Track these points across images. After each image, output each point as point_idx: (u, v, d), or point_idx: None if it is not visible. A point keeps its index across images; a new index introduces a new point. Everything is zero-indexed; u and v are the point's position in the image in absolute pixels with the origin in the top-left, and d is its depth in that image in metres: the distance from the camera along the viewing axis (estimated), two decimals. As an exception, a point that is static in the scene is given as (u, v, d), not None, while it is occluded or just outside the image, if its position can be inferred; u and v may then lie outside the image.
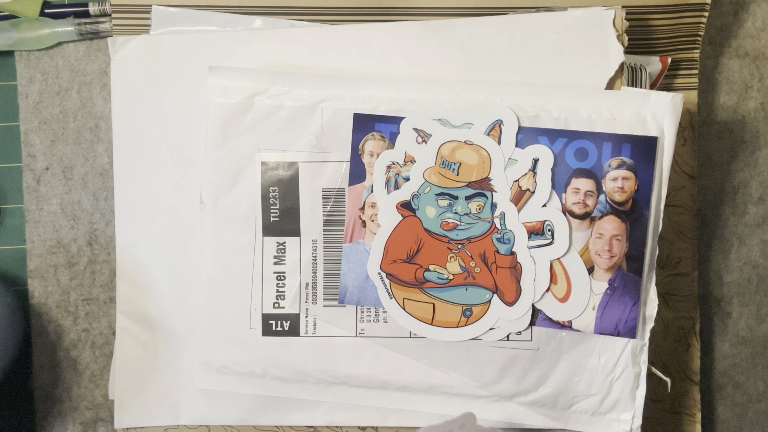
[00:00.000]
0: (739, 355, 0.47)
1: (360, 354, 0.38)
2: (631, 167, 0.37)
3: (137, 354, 0.41)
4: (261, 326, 0.39)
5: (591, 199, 0.37)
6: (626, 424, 0.38)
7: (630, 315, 0.37)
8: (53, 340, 0.44)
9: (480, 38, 0.39)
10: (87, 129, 0.44)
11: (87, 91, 0.44)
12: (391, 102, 0.38)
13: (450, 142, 0.37)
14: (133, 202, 0.41)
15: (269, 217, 0.38)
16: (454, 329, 0.38)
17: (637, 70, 0.41)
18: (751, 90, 0.46)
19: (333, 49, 0.39)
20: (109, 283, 0.44)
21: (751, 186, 0.46)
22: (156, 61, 0.40)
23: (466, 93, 0.38)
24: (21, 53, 0.44)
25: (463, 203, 0.37)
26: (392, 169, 0.37)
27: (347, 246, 0.38)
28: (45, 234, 0.44)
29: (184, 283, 0.41)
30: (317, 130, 0.38)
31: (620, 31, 0.38)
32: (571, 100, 0.37)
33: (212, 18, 0.40)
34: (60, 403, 0.45)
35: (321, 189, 0.38)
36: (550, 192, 0.37)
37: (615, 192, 0.37)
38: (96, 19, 0.43)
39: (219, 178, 0.39)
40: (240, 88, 0.38)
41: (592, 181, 0.37)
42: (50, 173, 0.44)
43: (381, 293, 0.38)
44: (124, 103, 0.41)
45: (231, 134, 0.38)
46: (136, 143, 0.41)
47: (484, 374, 0.38)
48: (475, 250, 0.37)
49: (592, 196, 0.37)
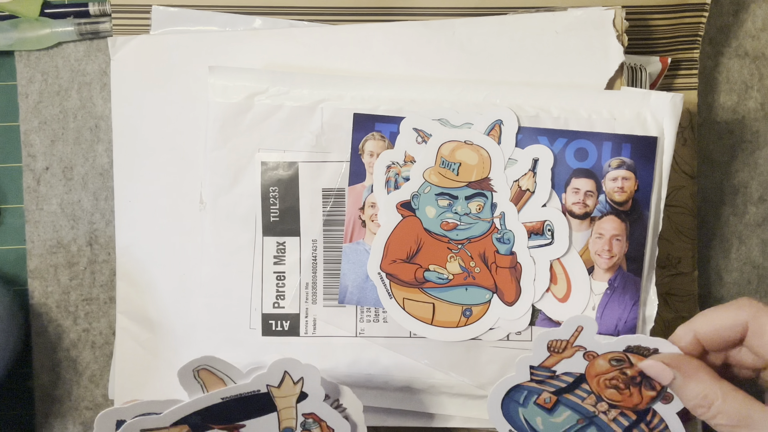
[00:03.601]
0: (739, 355, 0.47)
1: (360, 354, 0.38)
2: (631, 167, 0.37)
3: (137, 354, 0.41)
4: (261, 326, 0.39)
5: (591, 199, 0.37)
6: (626, 424, 0.38)
7: (630, 315, 0.37)
8: (53, 340, 0.44)
9: (480, 38, 0.39)
10: (87, 129, 0.44)
11: (87, 91, 0.44)
12: (391, 102, 0.38)
13: (450, 142, 0.37)
14: (133, 202, 0.41)
15: (269, 217, 0.38)
16: (454, 329, 0.38)
17: (637, 70, 0.41)
18: (751, 90, 0.46)
19: (333, 49, 0.39)
20: (109, 283, 0.44)
21: (751, 186, 0.46)
22: (156, 61, 0.40)
23: (466, 93, 0.38)
24: (21, 53, 0.44)
25: (463, 203, 0.37)
26: (392, 169, 0.37)
27: (347, 246, 0.38)
28: (45, 234, 0.44)
29: (184, 283, 0.41)
30: (317, 130, 0.38)
31: (620, 31, 0.38)
32: (571, 100, 0.37)
33: (212, 18, 0.40)
34: (60, 403, 0.45)
35: (321, 189, 0.38)
36: (550, 192, 0.37)
37: (615, 192, 0.37)
38: (96, 19, 0.43)
39: (219, 178, 0.39)
40: (240, 88, 0.38)
41: (592, 181, 0.37)
42: (50, 173, 0.44)
43: (381, 293, 0.38)
44: (124, 103, 0.41)
45: (231, 134, 0.38)
46: (136, 143, 0.41)
47: (484, 374, 0.38)
48: (475, 250, 0.37)
49: (592, 196, 0.37)
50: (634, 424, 0.34)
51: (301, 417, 0.33)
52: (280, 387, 0.32)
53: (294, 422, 0.33)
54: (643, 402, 0.33)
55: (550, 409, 0.35)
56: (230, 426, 0.33)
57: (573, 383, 0.34)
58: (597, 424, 0.34)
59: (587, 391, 0.34)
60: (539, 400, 0.34)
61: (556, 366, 0.33)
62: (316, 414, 0.33)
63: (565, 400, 0.34)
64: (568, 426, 0.35)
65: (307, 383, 0.32)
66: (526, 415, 0.35)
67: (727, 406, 0.29)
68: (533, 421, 0.35)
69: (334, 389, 0.34)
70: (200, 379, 0.31)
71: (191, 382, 0.31)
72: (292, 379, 0.32)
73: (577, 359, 0.33)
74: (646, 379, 0.33)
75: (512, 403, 0.35)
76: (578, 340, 0.33)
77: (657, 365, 0.32)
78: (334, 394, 0.34)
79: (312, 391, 0.32)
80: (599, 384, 0.34)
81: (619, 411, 0.34)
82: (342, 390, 0.34)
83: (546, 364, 0.34)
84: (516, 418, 0.35)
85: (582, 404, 0.34)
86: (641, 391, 0.33)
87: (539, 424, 0.35)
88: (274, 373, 0.32)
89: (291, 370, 0.32)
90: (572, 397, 0.34)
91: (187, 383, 0.31)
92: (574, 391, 0.34)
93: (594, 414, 0.34)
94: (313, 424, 0.33)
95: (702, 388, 0.30)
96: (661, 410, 0.33)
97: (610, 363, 0.33)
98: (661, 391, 0.33)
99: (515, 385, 0.34)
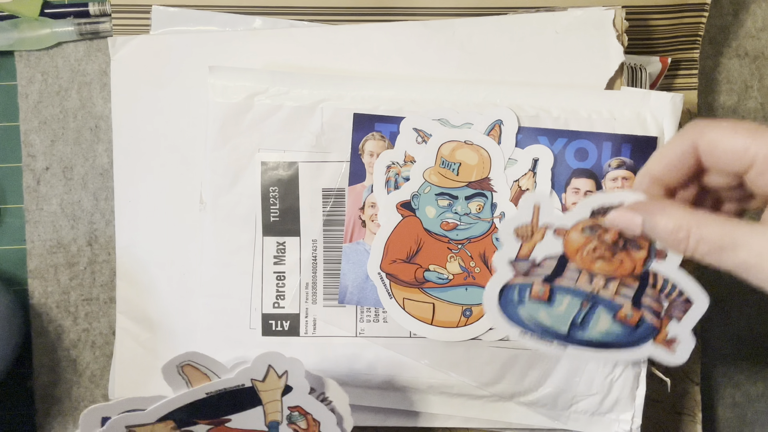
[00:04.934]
0: (739, 355, 0.47)
1: (360, 354, 0.38)
2: (631, 167, 0.37)
3: (137, 354, 0.41)
4: (261, 326, 0.39)
5: (591, 199, 0.37)
6: (626, 424, 0.38)
7: (630, 315, 0.37)
8: (53, 340, 0.44)
9: (480, 38, 0.39)
10: (87, 129, 0.44)
11: (87, 91, 0.44)
12: (391, 102, 0.38)
13: (450, 142, 0.37)
14: (133, 202, 0.41)
15: (269, 217, 0.38)
16: (454, 329, 0.38)
17: (637, 70, 0.41)
18: (751, 90, 0.46)
19: (333, 49, 0.39)
20: (109, 283, 0.44)
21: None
22: (156, 61, 0.40)
23: (466, 93, 0.38)
24: (21, 53, 0.44)
25: (463, 203, 0.37)
26: (392, 169, 0.37)
27: (347, 246, 0.38)
28: (45, 234, 0.44)
29: (184, 283, 0.41)
30: (317, 130, 0.38)
31: (620, 31, 0.38)
32: (571, 100, 0.37)
33: (212, 18, 0.40)
34: (60, 403, 0.45)
35: (321, 189, 0.38)
36: (549, 192, 0.37)
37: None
38: (96, 19, 0.43)
39: (219, 178, 0.39)
40: (240, 88, 0.38)
41: (592, 181, 0.37)
42: (50, 173, 0.44)
43: (381, 293, 0.38)
44: (124, 103, 0.41)
45: (231, 134, 0.38)
46: (136, 143, 0.41)
47: (484, 374, 0.38)
48: (475, 250, 0.37)
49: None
50: (640, 292, 0.33)
51: (286, 410, 0.33)
52: (264, 381, 0.32)
53: (280, 415, 0.33)
54: (637, 266, 0.32)
55: (548, 301, 0.34)
56: (216, 420, 0.33)
57: (558, 266, 0.33)
58: (602, 303, 0.33)
59: (576, 271, 0.33)
60: (534, 294, 0.34)
61: (533, 253, 0.33)
62: (302, 407, 0.33)
63: (558, 287, 0.33)
64: (574, 313, 0.34)
65: (292, 376, 0.32)
66: (528, 312, 0.34)
67: (706, 230, 0.27)
68: (538, 318, 0.34)
69: (319, 382, 0.34)
70: (185, 375, 0.31)
71: (176, 378, 0.31)
72: (276, 373, 0.32)
73: (549, 240, 0.32)
74: (629, 241, 0.31)
75: (509, 304, 0.34)
76: (541, 219, 0.32)
77: (621, 215, 0.30)
78: (319, 387, 0.34)
79: (297, 384, 0.32)
80: (584, 259, 0.32)
81: (618, 282, 0.33)
82: (327, 383, 0.34)
83: (522, 254, 0.33)
84: (518, 319, 0.34)
85: (577, 286, 0.33)
86: (630, 255, 0.32)
87: (545, 319, 0.34)
88: (258, 368, 0.32)
89: (275, 363, 0.32)
90: (564, 281, 0.33)
91: (171, 379, 0.31)
92: (563, 274, 0.33)
93: (594, 293, 0.33)
94: (299, 416, 0.33)
95: (673, 220, 0.28)
96: (661, 269, 0.32)
97: (583, 233, 0.32)
98: (650, 249, 0.31)
99: (504, 286, 0.34)
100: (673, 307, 0.33)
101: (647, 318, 0.33)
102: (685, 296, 0.32)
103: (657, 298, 0.33)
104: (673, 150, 0.30)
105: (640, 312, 0.33)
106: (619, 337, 0.33)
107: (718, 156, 0.29)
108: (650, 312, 0.33)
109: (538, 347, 0.35)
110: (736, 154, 0.28)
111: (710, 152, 0.29)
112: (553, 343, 0.34)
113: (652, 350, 0.33)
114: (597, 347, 0.34)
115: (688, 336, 0.33)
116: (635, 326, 0.33)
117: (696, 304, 0.33)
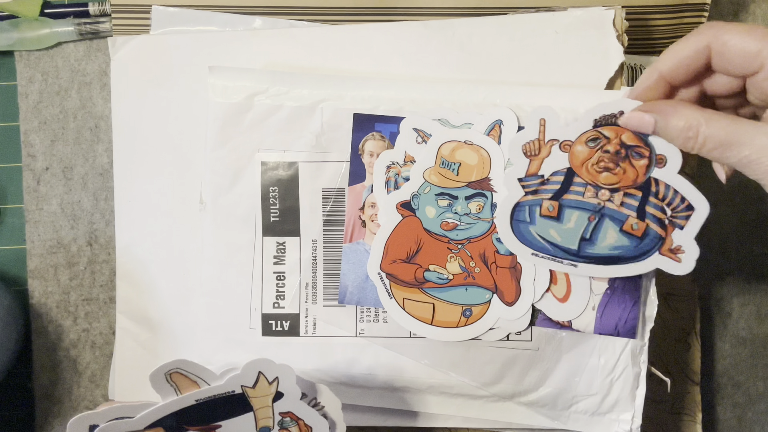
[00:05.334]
0: (739, 355, 0.47)
1: (360, 354, 0.38)
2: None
3: (137, 354, 0.41)
4: (261, 326, 0.39)
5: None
6: (626, 424, 0.38)
7: (630, 315, 0.37)
8: (53, 340, 0.44)
9: (480, 38, 0.39)
10: (87, 129, 0.44)
11: (87, 91, 0.44)
12: (391, 102, 0.38)
13: (450, 142, 0.37)
14: (133, 202, 0.41)
15: (269, 217, 0.38)
16: (454, 329, 0.38)
17: (637, 70, 0.41)
18: (751, 90, 0.46)
19: (333, 49, 0.39)
20: (109, 283, 0.44)
21: (751, 185, 0.46)
22: (156, 61, 0.40)
23: (466, 93, 0.38)
24: (21, 53, 0.44)
25: (463, 203, 0.37)
26: (392, 169, 0.37)
27: (347, 246, 0.38)
28: (45, 234, 0.44)
29: (184, 283, 0.41)
30: (317, 129, 0.38)
31: (620, 31, 0.38)
32: (571, 100, 0.37)
33: (212, 18, 0.40)
34: (60, 403, 0.45)
35: (321, 189, 0.38)
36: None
37: (615, 192, 0.37)
38: (96, 19, 0.43)
39: (219, 178, 0.39)
40: (240, 88, 0.38)
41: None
42: (50, 173, 0.44)
43: (381, 293, 0.38)
44: (124, 103, 0.41)
45: (231, 134, 0.38)
46: (136, 143, 0.41)
47: (484, 374, 0.38)
48: (475, 250, 0.37)
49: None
50: (644, 202, 0.33)
51: (278, 416, 0.33)
52: (254, 387, 0.32)
53: (271, 421, 0.33)
54: (639, 174, 0.33)
55: (557, 217, 0.34)
56: (206, 427, 0.33)
57: (566, 181, 0.34)
58: (608, 215, 0.34)
59: (582, 184, 0.34)
60: (543, 212, 0.34)
61: (541, 169, 0.34)
62: (294, 412, 0.33)
63: (566, 202, 0.34)
64: (582, 228, 0.34)
65: (283, 383, 0.32)
66: (538, 231, 0.35)
67: (712, 128, 0.29)
68: (548, 236, 0.35)
69: (311, 388, 0.34)
70: (173, 383, 0.31)
71: (164, 385, 0.31)
72: (267, 380, 0.32)
73: (556, 155, 0.33)
74: (631, 150, 0.32)
75: (521, 224, 0.35)
76: (547, 134, 0.33)
77: (635, 115, 0.32)
78: (311, 392, 0.34)
79: (288, 390, 0.32)
80: (589, 171, 0.33)
81: (622, 193, 0.33)
82: (319, 388, 0.34)
83: (531, 171, 0.34)
84: (531, 238, 0.35)
85: (584, 200, 0.34)
86: (632, 164, 0.33)
87: (555, 236, 0.35)
88: (248, 374, 0.32)
89: (265, 370, 0.32)
90: (571, 195, 0.34)
91: (159, 387, 0.31)
92: (570, 189, 0.34)
93: (600, 206, 0.34)
94: (291, 422, 0.33)
95: (684, 119, 0.30)
96: (662, 176, 0.33)
97: (587, 145, 0.33)
98: (651, 156, 0.32)
99: (515, 205, 0.34)
100: (676, 214, 0.33)
101: (652, 227, 0.34)
102: (686, 203, 0.33)
103: (660, 207, 0.34)
104: (686, 48, 0.31)
105: (644, 223, 0.34)
106: (627, 249, 0.34)
107: (730, 57, 0.30)
108: (654, 221, 0.34)
109: (550, 267, 0.35)
110: (747, 57, 0.29)
111: (722, 53, 0.30)
112: (563, 262, 0.35)
113: (659, 261, 0.34)
114: (606, 263, 0.35)
115: (693, 244, 0.34)
116: (641, 237, 0.34)
117: (697, 211, 0.33)
